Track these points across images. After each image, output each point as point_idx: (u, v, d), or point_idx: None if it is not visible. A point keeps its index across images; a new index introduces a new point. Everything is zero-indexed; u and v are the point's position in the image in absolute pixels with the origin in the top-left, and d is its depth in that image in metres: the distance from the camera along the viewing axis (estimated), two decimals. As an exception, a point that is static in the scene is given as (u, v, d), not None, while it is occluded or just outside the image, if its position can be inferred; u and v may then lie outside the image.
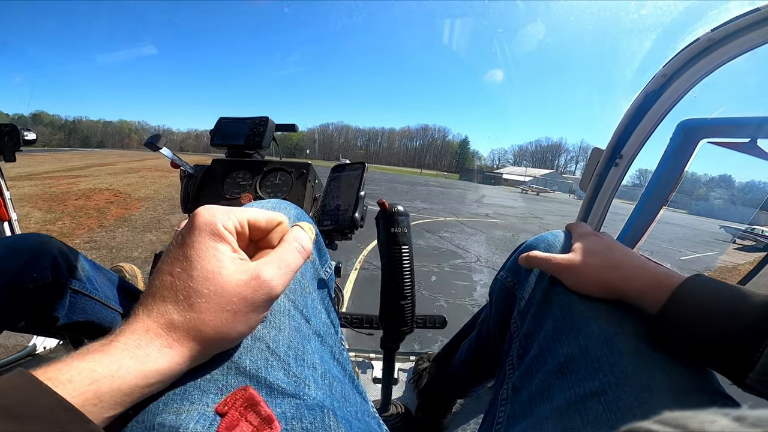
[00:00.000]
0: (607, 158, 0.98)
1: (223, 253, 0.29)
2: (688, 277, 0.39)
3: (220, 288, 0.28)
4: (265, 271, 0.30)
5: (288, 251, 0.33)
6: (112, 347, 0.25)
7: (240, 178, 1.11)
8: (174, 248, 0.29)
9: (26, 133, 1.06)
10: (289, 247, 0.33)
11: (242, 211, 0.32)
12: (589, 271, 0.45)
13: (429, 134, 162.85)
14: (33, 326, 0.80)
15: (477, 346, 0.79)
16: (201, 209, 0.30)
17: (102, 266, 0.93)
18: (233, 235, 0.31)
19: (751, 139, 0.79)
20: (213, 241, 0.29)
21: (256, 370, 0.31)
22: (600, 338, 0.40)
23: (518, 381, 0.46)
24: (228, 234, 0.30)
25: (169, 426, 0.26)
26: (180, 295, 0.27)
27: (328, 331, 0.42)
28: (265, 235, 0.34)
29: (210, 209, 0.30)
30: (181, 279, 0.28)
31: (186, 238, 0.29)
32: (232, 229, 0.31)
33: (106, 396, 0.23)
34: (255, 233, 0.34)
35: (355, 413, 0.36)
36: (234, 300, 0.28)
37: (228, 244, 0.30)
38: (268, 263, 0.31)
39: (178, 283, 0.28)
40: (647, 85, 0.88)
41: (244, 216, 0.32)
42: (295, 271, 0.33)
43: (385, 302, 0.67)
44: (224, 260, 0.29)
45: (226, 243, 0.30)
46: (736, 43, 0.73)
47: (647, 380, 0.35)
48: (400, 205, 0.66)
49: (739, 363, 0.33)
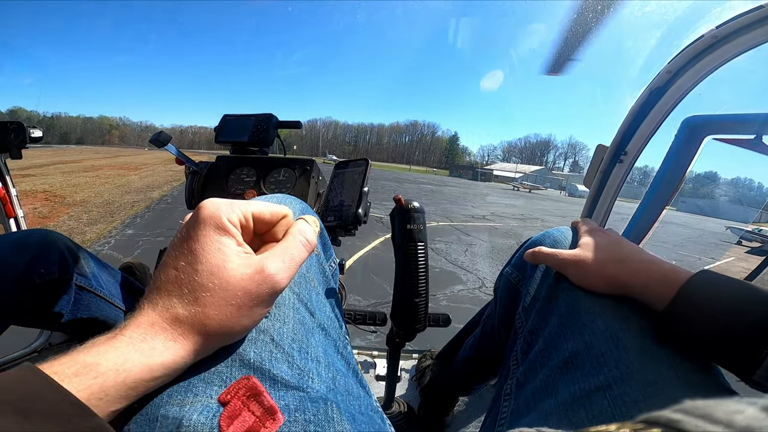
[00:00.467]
0: (612, 155, 0.98)
1: (228, 246, 0.29)
2: (695, 273, 0.39)
3: (225, 282, 0.28)
4: (269, 264, 0.30)
5: (292, 245, 0.32)
6: (117, 341, 0.25)
7: (244, 175, 1.12)
8: (178, 242, 0.29)
9: (32, 131, 1.07)
10: (293, 240, 0.33)
11: (246, 204, 0.32)
12: (595, 266, 0.45)
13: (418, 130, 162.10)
14: (38, 321, 0.80)
15: (481, 343, 0.79)
16: (205, 202, 0.30)
17: (107, 263, 0.93)
18: (238, 228, 0.31)
19: (756, 136, 0.78)
20: (217, 235, 0.29)
21: (261, 362, 0.31)
22: (605, 334, 0.40)
23: (522, 376, 0.46)
24: (232, 227, 0.30)
25: (173, 417, 0.26)
26: (185, 289, 0.27)
27: (332, 324, 0.42)
28: (270, 228, 0.34)
29: (214, 202, 0.30)
30: (186, 273, 0.28)
31: (190, 231, 0.29)
32: (237, 222, 0.31)
33: (111, 390, 0.23)
34: (260, 226, 0.33)
35: (358, 407, 0.36)
36: (238, 294, 0.28)
37: (232, 238, 0.30)
38: (272, 257, 0.30)
39: (182, 277, 0.28)
40: (652, 82, 0.88)
41: (249, 209, 0.32)
42: (300, 265, 0.33)
43: (398, 300, 0.67)
44: (229, 254, 0.29)
45: (231, 236, 0.30)
46: (740, 41, 0.73)
47: (653, 375, 0.35)
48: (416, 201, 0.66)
49: (747, 359, 0.33)
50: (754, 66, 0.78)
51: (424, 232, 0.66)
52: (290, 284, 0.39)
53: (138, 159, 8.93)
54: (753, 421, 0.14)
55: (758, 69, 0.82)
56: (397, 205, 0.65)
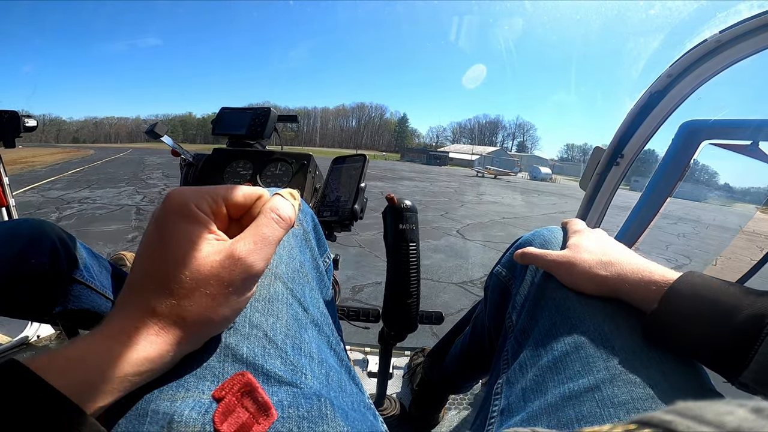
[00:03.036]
0: (609, 157, 0.98)
1: (198, 235, 0.28)
2: (682, 274, 0.39)
3: (196, 271, 0.27)
4: (239, 248, 0.29)
5: (263, 224, 0.31)
6: (101, 336, 0.25)
7: (240, 168, 1.11)
8: (148, 234, 0.29)
9: (27, 120, 1.06)
10: (264, 219, 0.31)
11: (215, 189, 0.31)
12: (584, 267, 0.45)
13: (366, 112, 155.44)
14: (28, 313, 0.80)
15: (471, 341, 0.79)
16: (172, 192, 0.29)
17: (99, 254, 0.93)
18: (209, 215, 0.30)
19: (753, 142, 0.79)
20: (186, 224, 0.28)
21: (254, 357, 0.31)
22: (594, 335, 0.40)
23: (512, 375, 0.47)
24: (201, 215, 0.29)
25: (164, 413, 0.26)
26: (158, 281, 0.27)
27: (325, 321, 0.42)
28: (246, 212, 0.33)
29: (182, 191, 0.29)
30: (157, 265, 0.27)
31: (158, 222, 0.28)
32: (207, 209, 0.30)
33: (96, 385, 0.23)
34: (234, 211, 0.32)
35: (351, 403, 0.36)
36: (211, 282, 0.27)
37: (202, 225, 0.29)
38: (241, 239, 0.29)
39: (154, 269, 0.27)
40: (652, 85, 0.88)
41: (218, 194, 0.31)
42: (275, 244, 0.31)
43: (389, 300, 0.67)
44: (198, 242, 0.28)
45: (200, 224, 0.29)
46: (744, 46, 0.73)
47: (641, 377, 0.36)
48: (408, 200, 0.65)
49: (734, 361, 0.33)
50: (754, 71, 0.78)
51: (417, 231, 0.66)
52: (284, 279, 0.39)
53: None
54: (743, 423, 0.14)
55: (758, 74, 0.82)
56: (390, 204, 0.65)
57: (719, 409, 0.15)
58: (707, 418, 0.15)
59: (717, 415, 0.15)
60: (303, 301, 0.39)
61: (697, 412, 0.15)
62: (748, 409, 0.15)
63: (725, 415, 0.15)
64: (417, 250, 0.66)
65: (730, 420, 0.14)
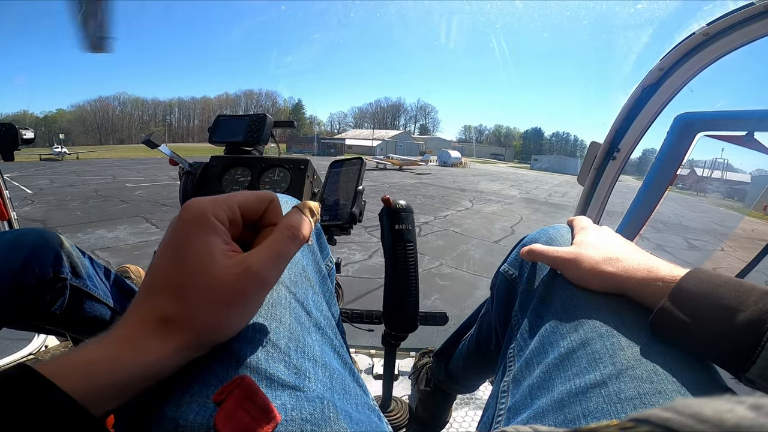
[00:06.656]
0: (605, 152, 0.99)
1: (215, 246, 0.29)
2: (689, 270, 0.39)
3: (211, 282, 0.28)
4: (254, 262, 0.29)
5: (279, 240, 0.32)
6: (110, 341, 0.25)
7: (238, 175, 1.11)
8: (165, 243, 0.29)
9: (24, 132, 1.06)
10: (280, 236, 0.32)
11: (230, 197, 0.32)
12: (590, 264, 0.45)
13: (254, 100, 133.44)
14: (32, 323, 0.80)
15: (478, 340, 0.79)
16: (190, 202, 0.30)
17: (102, 264, 0.93)
18: (225, 224, 0.30)
19: (748, 132, 0.79)
20: (204, 234, 0.29)
21: (257, 362, 0.31)
22: (601, 331, 0.40)
23: (519, 373, 0.47)
24: (219, 225, 0.30)
25: (169, 418, 0.26)
26: (172, 289, 0.27)
27: (328, 324, 0.42)
28: (261, 215, 0.34)
29: (200, 201, 0.30)
30: (173, 273, 0.28)
31: (176, 232, 0.29)
32: (224, 217, 0.30)
33: (105, 389, 0.23)
34: (249, 215, 0.33)
35: (355, 405, 0.36)
36: (226, 293, 0.28)
37: (219, 236, 0.29)
38: (258, 255, 0.30)
39: (169, 277, 0.28)
40: (644, 79, 0.88)
41: (234, 201, 0.32)
42: (288, 260, 0.32)
43: (389, 300, 0.68)
44: (215, 253, 0.28)
45: (217, 235, 0.29)
46: (731, 38, 0.73)
47: (648, 373, 0.36)
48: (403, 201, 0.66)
49: (740, 357, 0.33)
50: (746, 63, 0.78)
51: (413, 231, 0.66)
52: (287, 283, 0.39)
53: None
54: (742, 420, 0.14)
55: (750, 66, 0.83)
56: (385, 206, 0.65)
57: (718, 406, 0.15)
58: (705, 415, 0.15)
59: (715, 413, 0.14)
60: (306, 304, 0.40)
61: (695, 409, 0.15)
62: (747, 406, 0.15)
63: (724, 412, 0.14)
64: (414, 249, 0.66)
65: (729, 417, 0.14)
